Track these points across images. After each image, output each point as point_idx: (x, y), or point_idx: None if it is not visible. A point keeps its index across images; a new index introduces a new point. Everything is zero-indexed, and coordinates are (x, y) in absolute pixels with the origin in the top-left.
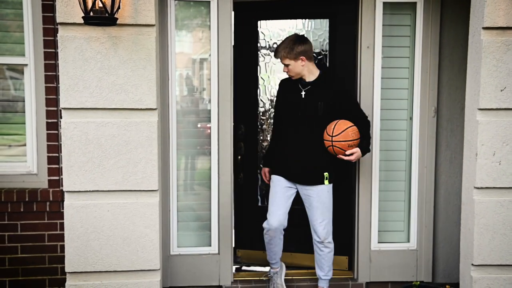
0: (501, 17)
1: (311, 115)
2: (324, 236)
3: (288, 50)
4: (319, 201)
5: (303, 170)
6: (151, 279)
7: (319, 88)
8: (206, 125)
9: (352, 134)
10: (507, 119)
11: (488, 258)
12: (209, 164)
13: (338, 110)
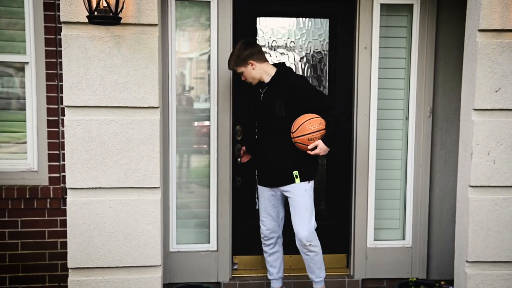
0: (496, 20)
1: (272, 115)
2: (305, 238)
3: (235, 59)
4: (296, 201)
5: (271, 172)
6: (152, 274)
7: (275, 87)
8: (204, 124)
9: (311, 127)
10: (501, 119)
11: (482, 255)
12: (208, 162)
13: (299, 105)
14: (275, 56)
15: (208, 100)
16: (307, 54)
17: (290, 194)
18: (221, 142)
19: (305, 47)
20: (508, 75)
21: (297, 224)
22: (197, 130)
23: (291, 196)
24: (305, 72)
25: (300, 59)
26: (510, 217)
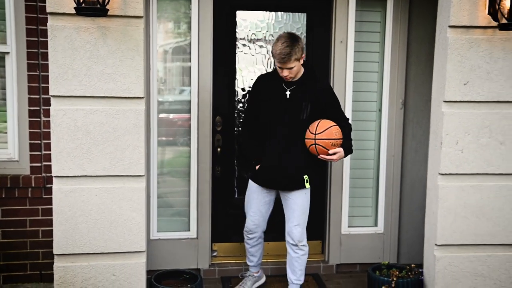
0: (465, 17)
1: (295, 116)
2: (298, 238)
3: (297, 50)
4: (297, 204)
5: (284, 176)
6: (137, 260)
7: (304, 88)
8: (184, 115)
9: (336, 133)
10: (469, 111)
11: (450, 238)
12: (188, 153)
13: (321, 110)
14: (254, 49)
15: (188, 91)
16: None
17: (292, 196)
18: (202, 133)
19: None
20: (475, 69)
21: (293, 225)
22: (177, 121)
23: (292, 199)
24: None
25: None
26: (476, 203)
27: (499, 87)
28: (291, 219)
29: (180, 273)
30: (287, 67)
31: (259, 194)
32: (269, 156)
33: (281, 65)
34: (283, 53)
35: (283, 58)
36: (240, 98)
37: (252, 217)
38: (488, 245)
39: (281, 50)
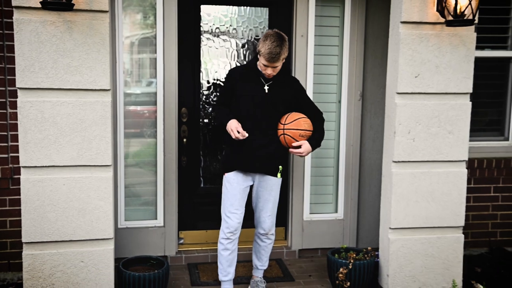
0: (415, 13)
1: (273, 109)
2: (269, 228)
3: (285, 50)
4: (271, 194)
5: (263, 159)
6: (105, 247)
7: (281, 82)
8: (151, 106)
9: (305, 124)
10: (419, 102)
11: (403, 222)
12: (155, 144)
13: (295, 103)
14: (218, 43)
15: (154, 84)
16: (248, 41)
17: (267, 186)
18: (168, 124)
19: (246, 34)
20: (425, 62)
21: (266, 216)
22: (144, 113)
23: (267, 189)
24: (246, 58)
25: (241, 46)
26: (426, 189)
27: (447, 79)
28: (264, 210)
29: (147, 259)
30: (274, 66)
31: (240, 188)
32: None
33: (268, 64)
34: (273, 52)
35: (272, 57)
36: (205, 90)
37: (235, 214)
38: (438, 227)
39: (271, 50)
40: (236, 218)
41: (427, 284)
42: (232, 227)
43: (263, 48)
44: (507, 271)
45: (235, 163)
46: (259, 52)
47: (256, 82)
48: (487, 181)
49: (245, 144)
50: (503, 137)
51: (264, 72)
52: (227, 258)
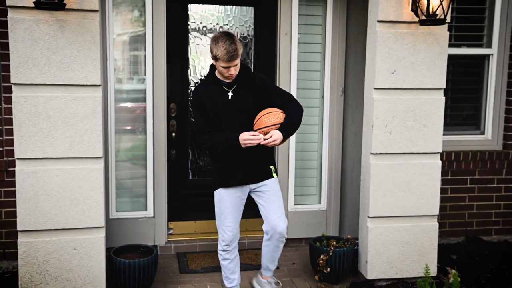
0: (391, 13)
1: (245, 113)
2: (284, 230)
3: (239, 45)
4: (275, 194)
5: (254, 168)
6: (96, 235)
7: (243, 85)
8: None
9: (267, 120)
10: (396, 97)
11: (380, 211)
12: (145, 138)
13: (263, 100)
14: (205, 41)
15: (144, 80)
16: None
17: (267, 188)
18: (157, 119)
19: (233, 32)
20: (401, 59)
21: (277, 217)
22: (134, 108)
23: (269, 190)
24: None
25: None
26: (403, 179)
27: (421, 75)
28: (273, 211)
29: (137, 247)
30: (234, 64)
31: (232, 201)
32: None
33: (229, 64)
34: (231, 50)
35: (231, 55)
36: (193, 86)
37: (229, 227)
38: (414, 216)
39: (228, 48)
40: (230, 231)
41: (403, 270)
42: (227, 240)
43: (219, 51)
44: (481, 258)
45: (227, 181)
46: (216, 57)
47: (220, 92)
48: (464, 173)
49: (231, 156)
50: (479, 131)
51: (227, 75)
52: (228, 266)
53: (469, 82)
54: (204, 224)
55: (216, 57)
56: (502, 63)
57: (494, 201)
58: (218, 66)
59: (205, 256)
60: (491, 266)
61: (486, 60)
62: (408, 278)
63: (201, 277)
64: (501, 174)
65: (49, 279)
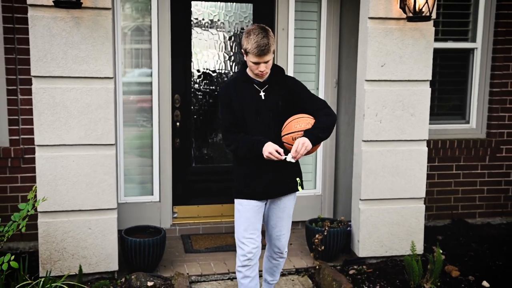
0: (381, 10)
1: (274, 117)
2: (284, 247)
3: (272, 41)
4: (287, 212)
5: (279, 179)
6: (110, 216)
7: (276, 86)
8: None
9: (297, 125)
10: (385, 88)
11: (371, 194)
12: (151, 127)
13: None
14: (207, 35)
15: (150, 72)
16: (235, 33)
17: (281, 205)
18: (162, 109)
19: (233, 27)
20: (390, 53)
21: (282, 235)
22: (141, 98)
23: (281, 207)
24: (233, 49)
25: (229, 38)
26: (392, 164)
27: (409, 68)
28: (278, 227)
29: (146, 228)
30: (265, 60)
31: (252, 208)
32: (259, 165)
33: (259, 59)
34: (262, 44)
35: (262, 49)
36: (196, 78)
37: (250, 239)
38: (402, 198)
39: (259, 42)
40: (252, 243)
41: (392, 249)
42: (249, 254)
43: (249, 45)
44: (465, 239)
45: (249, 193)
46: (246, 50)
47: (251, 90)
48: (450, 160)
49: (256, 162)
50: (464, 120)
51: (257, 72)
52: (248, 286)
53: (455, 74)
54: (207, 208)
55: (247, 51)
56: (486, 57)
57: (478, 186)
58: (248, 62)
59: (208, 238)
60: (474, 246)
61: (471, 54)
62: (396, 256)
63: (205, 256)
64: (485, 161)
65: (67, 256)
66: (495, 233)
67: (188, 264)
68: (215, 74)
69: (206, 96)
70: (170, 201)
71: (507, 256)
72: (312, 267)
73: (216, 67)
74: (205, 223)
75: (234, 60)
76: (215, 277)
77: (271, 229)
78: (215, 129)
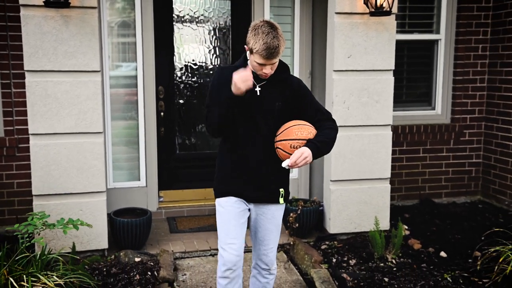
0: (347, 6)
1: (267, 117)
2: (271, 262)
3: (283, 42)
4: (274, 223)
5: (260, 182)
6: (99, 198)
7: (277, 84)
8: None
9: (298, 132)
10: (352, 78)
11: (340, 175)
12: (137, 117)
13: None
14: (188, 30)
15: (135, 65)
16: (215, 28)
17: (268, 214)
18: (147, 100)
19: (212, 22)
20: (356, 45)
21: (269, 249)
22: (127, 90)
23: (269, 218)
24: (213, 43)
25: (208, 32)
26: (359, 148)
27: (373, 59)
28: (266, 241)
29: (133, 210)
30: (272, 62)
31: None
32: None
33: (266, 61)
34: (272, 46)
35: (271, 53)
36: (178, 71)
37: (232, 245)
38: (369, 179)
39: (269, 43)
40: (234, 250)
41: (361, 225)
42: (229, 262)
43: (257, 44)
44: (430, 216)
45: (228, 188)
46: (252, 50)
47: None
48: (417, 144)
49: (239, 162)
50: (430, 107)
51: (260, 72)
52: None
53: (422, 64)
54: (190, 192)
55: (252, 50)
56: (449, 47)
57: (443, 168)
58: (251, 60)
59: (192, 219)
60: (437, 222)
61: (436, 45)
62: (365, 232)
63: (189, 236)
64: (449, 144)
65: (60, 236)
66: (459, 210)
67: (173, 242)
68: (196, 66)
69: (188, 87)
70: (156, 186)
71: (465, 231)
72: (287, 243)
73: (197, 60)
74: (189, 206)
75: (214, 54)
76: (197, 254)
77: (258, 242)
78: (197, 118)
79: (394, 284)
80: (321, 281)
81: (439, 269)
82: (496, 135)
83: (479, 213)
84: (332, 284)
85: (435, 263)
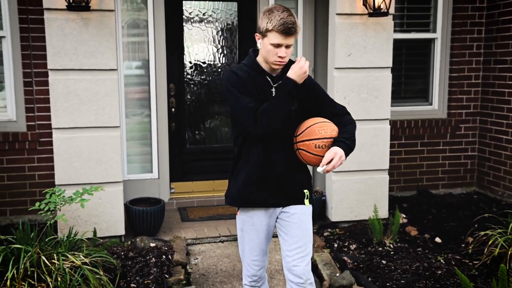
0: (347, 7)
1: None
2: (306, 275)
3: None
4: (300, 228)
5: (283, 186)
6: (116, 188)
7: None
8: (145, 83)
9: (321, 131)
10: (352, 75)
11: (341, 166)
12: (149, 112)
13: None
14: (197, 30)
15: (147, 66)
16: (223, 28)
17: (294, 218)
18: (159, 97)
19: (220, 23)
20: (356, 44)
21: (299, 257)
22: (140, 88)
23: (296, 222)
24: (220, 42)
25: (217, 32)
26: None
27: (372, 57)
28: (294, 249)
29: (148, 199)
30: (289, 42)
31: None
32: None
33: (283, 39)
34: (289, 21)
35: (289, 27)
36: (188, 69)
37: (255, 261)
38: (369, 170)
39: (286, 19)
40: (257, 266)
41: (361, 214)
42: (254, 276)
43: (273, 21)
44: (427, 206)
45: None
46: (266, 30)
47: (265, 83)
48: (415, 137)
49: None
50: (427, 102)
51: (275, 58)
52: None
53: (419, 62)
54: (200, 184)
55: (267, 30)
56: (445, 45)
57: (440, 161)
58: (265, 46)
59: (201, 209)
60: (433, 211)
61: (432, 43)
62: (365, 220)
63: (199, 224)
64: (446, 138)
65: (81, 222)
66: (454, 201)
67: (184, 230)
68: (205, 65)
69: (198, 85)
70: (167, 178)
71: (460, 219)
72: None
73: (206, 59)
74: (199, 197)
75: (222, 53)
76: (208, 240)
77: (286, 250)
78: (206, 114)
79: (391, 266)
80: (324, 263)
81: (433, 253)
82: (490, 129)
83: (474, 203)
84: (334, 266)
85: (430, 247)
